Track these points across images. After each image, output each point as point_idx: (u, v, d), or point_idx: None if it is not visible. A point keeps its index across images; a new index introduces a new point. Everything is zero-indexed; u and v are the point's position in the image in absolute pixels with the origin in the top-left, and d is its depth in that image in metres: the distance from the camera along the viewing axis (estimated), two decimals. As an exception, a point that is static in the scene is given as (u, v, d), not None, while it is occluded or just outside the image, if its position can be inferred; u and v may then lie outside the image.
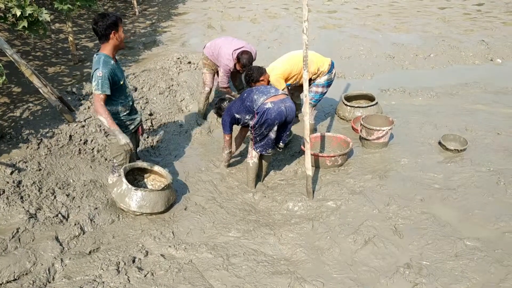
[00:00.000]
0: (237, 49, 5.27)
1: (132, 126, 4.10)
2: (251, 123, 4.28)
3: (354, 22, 10.06)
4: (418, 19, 10.28)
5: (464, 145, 5.13)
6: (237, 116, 4.36)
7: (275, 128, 4.26)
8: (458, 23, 9.99)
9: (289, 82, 5.05)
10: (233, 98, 4.77)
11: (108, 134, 4.06)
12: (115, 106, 3.85)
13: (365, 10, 11.01)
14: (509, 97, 6.63)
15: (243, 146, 5.30)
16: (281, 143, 4.52)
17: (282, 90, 4.64)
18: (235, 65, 5.32)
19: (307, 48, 3.95)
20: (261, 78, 4.67)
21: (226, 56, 5.29)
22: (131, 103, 4.04)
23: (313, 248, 3.76)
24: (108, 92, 3.65)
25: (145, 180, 4.54)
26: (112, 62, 3.74)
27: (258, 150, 4.46)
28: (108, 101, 3.74)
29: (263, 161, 4.70)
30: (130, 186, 4.02)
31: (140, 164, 4.37)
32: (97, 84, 3.59)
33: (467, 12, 10.86)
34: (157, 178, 4.51)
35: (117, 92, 3.81)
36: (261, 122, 4.18)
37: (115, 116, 3.85)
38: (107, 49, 3.73)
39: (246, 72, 4.81)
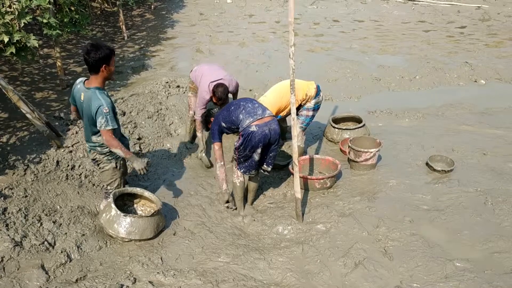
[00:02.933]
0: (214, 81, 5.23)
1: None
2: (236, 144, 4.31)
3: (341, 45, 10.23)
4: (403, 41, 10.50)
5: (451, 165, 5.19)
6: (223, 124, 4.34)
7: (259, 150, 4.27)
8: (442, 45, 10.22)
9: (280, 115, 5.07)
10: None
11: (100, 163, 4.07)
12: (115, 135, 3.86)
13: (351, 33, 11.22)
14: (493, 118, 6.76)
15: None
16: (265, 166, 4.51)
17: None
18: (211, 97, 5.31)
19: (293, 73, 4.00)
20: None
21: (203, 87, 5.28)
22: (120, 128, 4.10)
23: (303, 272, 3.74)
24: (116, 126, 3.74)
25: (135, 205, 4.51)
26: (106, 93, 3.77)
27: (241, 171, 4.47)
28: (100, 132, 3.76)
29: (250, 183, 4.68)
30: (119, 212, 3.99)
31: (131, 189, 4.35)
32: (106, 120, 3.65)
33: (450, 35, 11.12)
34: (147, 203, 4.49)
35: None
36: (246, 145, 4.21)
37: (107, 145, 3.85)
38: (97, 81, 3.74)
39: None
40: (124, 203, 4.43)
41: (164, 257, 3.94)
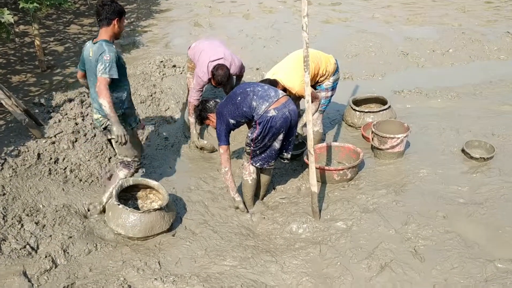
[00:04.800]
0: (214, 60, 5.20)
1: (134, 123, 4.40)
2: (251, 135, 4.24)
3: (361, 15, 10.14)
4: (434, 9, 10.39)
5: (491, 152, 5.15)
6: (232, 121, 4.28)
7: (281, 136, 4.25)
8: (480, 13, 10.10)
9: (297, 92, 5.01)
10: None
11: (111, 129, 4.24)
12: (122, 92, 4.17)
13: (373, 1, 11.13)
14: (540, 96, 6.69)
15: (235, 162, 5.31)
16: (285, 153, 4.50)
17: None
18: (210, 79, 5.27)
19: (307, 47, 3.98)
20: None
21: (201, 67, 5.24)
22: (130, 90, 4.36)
23: (321, 277, 3.75)
24: (116, 76, 3.96)
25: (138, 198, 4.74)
26: (114, 46, 4.08)
27: (258, 164, 4.42)
28: (116, 87, 4.06)
29: (263, 176, 4.67)
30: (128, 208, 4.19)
31: (145, 181, 4.55)
32: (104, 67, 3.89)
33: (489, 1, 10.97)
34: (151, 196, 4.68)
35: (122, 77, 4.13)
36: (265, 133, 4.16)
37: (119, 105, 4.14)
38: (107, 34, 4.09)
39: None
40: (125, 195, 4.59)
41: (163, 261, 3.96)
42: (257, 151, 4.32)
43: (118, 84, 4.09)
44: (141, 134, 5.50)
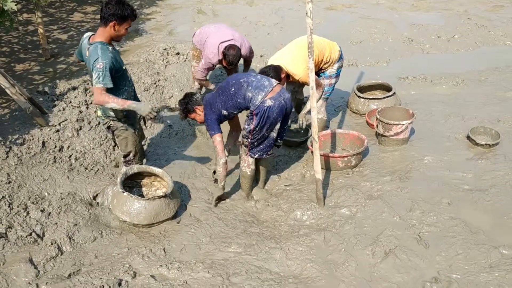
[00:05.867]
0: (224, 41, 5.18)
1: (136, 125, 4.41)
2: (249, 127, 4.23)
3: (366, 1, 10.05)
4: (439, -6, 10.29)
5: (497, 139, 5.12)
6: (224, 112, 4.27)
7: (278, 125, 4.26)
8: (486, -2, 10.00)
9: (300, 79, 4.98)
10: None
11: (115, 129, 4.27)
12: (121, 94, 4.06)
13: (378, -13, 11.01)
14: (546, 82, 6.64)
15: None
16: (279, 140, 4.53)
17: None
18: (220, 60, 5.26)
19: (311, 34, 3.95)
20: (282, 76, 4.67)
21: (211, 49, 5.24)
22: (133, 88, 4.30)
23: (325, 263, 3.76)
24: (110, 85, 3.84)
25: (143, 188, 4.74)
26: (110, 48, 3.94)
27: (257, 155, 4.43)
28: (113, 91, 3.93)
29: (263, 162, 4.66)
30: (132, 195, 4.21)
31: (149, 169, 4.57)
32: (98, 77, 3.78)
33: (495, -14, 10.85)
34: (156, 183, 4.70)
35: (120, 80, 4.05)
36: (263, 124, 4.16)
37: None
38: (103, 36, 3.90)
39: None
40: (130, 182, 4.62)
41: (167, 248, 3.98)
42: (255, 143, 4.32)
43: (116, 87, 3.99)
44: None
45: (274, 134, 4.31)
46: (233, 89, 4.21)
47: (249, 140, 4.31)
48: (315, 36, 4.92)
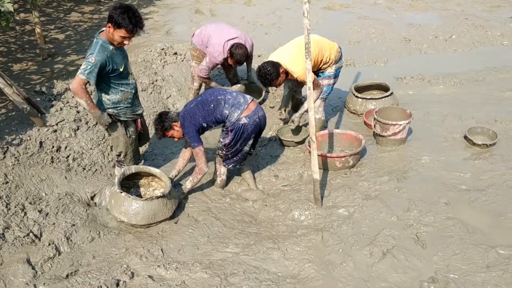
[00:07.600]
0: (230, 39, 5.21)
1: (130, 117, 4.39)
2: (224, 141, 4.44)
3: (364, 1, 10.06)
4: (437, -5, 10.30)
5: (494, 139, 5.13)
6: (204, 125, 4.42)
7: (251, 141, 4.52)
8: (483, -2, 10.01)
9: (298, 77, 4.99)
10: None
11: (108, 127, 4.31)
12: (115, 94, 4.14)
13: (375, -13, 11.02)
14: (544, 82, 6.65)
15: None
16: (252, 150, 4.73)
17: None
18: (226, 59, 5.27)
19: (309, 34, 3.95)
20: (281, 72, 4.70)
21: (216, 47, 5.25)
22: (134, 92, 4.29)
23: (323, 263, 3.76)
24: (92, 82, 3.92)
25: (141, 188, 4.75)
26: (111, 48, 3.99)
27: (230, 166, 4.67)
28: (109, 88, 4.08)
29: (242, 170, 4.85)
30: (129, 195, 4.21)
31: (147, 169, 4.58)
32: (85, 69, 3.85)
33: (492, -14, 10.87)
34: (154, 183, 4.70)
35: (117, 79, 4.11)
36: (237, 139, 4.40)
37: (116, 105, 4.18)
38: (106, 34, 3.98)
39: (261, 72, 4.69)
40: (129, 184, 4.63)
41: (165, 248, 3.98)
42: (229, 155, 4.56)
43: (111, 86, 4.08)
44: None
45: (247, 148, 4.56)
46: (212, 105, 4.39)
47: (224, 152, 4.54)
48: (316, 35, 4.97)
